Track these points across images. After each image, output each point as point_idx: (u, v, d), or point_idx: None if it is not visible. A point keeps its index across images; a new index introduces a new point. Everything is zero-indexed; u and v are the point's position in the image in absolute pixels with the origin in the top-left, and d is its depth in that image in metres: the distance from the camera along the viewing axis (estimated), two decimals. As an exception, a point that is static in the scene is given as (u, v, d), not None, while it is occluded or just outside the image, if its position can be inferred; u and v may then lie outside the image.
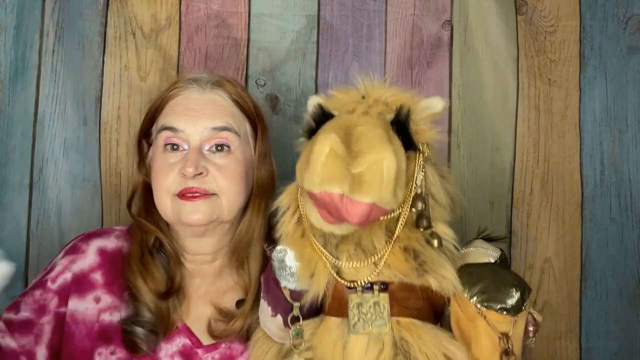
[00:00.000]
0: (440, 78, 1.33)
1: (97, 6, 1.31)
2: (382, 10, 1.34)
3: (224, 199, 0.98)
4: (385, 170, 0.72)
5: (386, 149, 0.73)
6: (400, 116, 0.80)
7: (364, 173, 0.72)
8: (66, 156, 1.30)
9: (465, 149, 1.32)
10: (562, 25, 1.33)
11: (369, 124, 0.77)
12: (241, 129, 1.02)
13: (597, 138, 1.31)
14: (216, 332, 1.01)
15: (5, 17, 1.28)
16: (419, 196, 0.80)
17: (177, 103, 1.01)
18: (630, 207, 1.30)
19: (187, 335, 1.01)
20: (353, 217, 0.73)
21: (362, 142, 0.74)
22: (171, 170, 0.98)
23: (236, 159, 1.00)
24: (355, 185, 0.71)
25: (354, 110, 0.81)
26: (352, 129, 0.76)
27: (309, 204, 0.79)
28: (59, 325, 0.99)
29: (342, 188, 0.70)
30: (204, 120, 0.99)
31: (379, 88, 0.86)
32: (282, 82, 1.33)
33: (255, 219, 1.03)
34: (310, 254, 0.83)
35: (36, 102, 1.30)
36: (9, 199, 1.28)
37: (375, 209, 0.73)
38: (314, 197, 0.74)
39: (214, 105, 1.01)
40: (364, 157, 0.72)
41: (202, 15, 1.33)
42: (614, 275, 1.29)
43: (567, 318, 1.29)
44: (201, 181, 0.97)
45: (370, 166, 0.72)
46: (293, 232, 0.86)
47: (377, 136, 0.74)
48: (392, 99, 0.84)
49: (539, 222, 1.31)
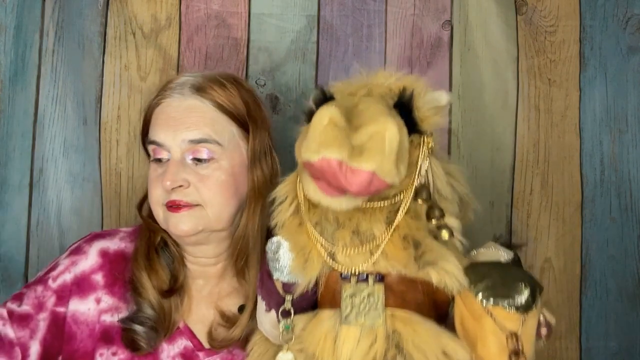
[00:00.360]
0: (440, 78, 1.32)
1: (97, 6, 1.31)
2: (382, 10, 1.33)
3: (209, 210, 0.97)
4: (388, 140, 0.70)
5: (389, 121, 0.70)
6: (404, 98, 0.78)
7: (365, 142, 0.69)
8: (66, 156, 1.30)
9: (465, 149, 1.32)
10: (562, 25, 1.33)
11: (370, 102, 0.75)
12: (224, 136, 0.99)
13: (597, 138, 1.31)
14: (216, 339, 1.00)
15: (5, 17, 1.28)
16: (423, 186, 0.78)
17: (160, 112, 1.00)
18: (630, 207, 1.30)
19: (189, 337, 1.01)
20: (352, 185, 0.70)
21: (364, 116, 0.72)
22: (158, 182, 0.98)
23: (220, 167, 0.98)
24: (356, 153, 0.69)
25: (356, 94, 0.80)
26: (354, 107, 0.74)
27: (306, 179, 0.76)
28: (54, 324, 0.99)
29: (340, 154, 0.68)
30: (182, 131, 0.96)
31: (382, 74, 0.84)
32: (282, 82, 1.33)
33: (251, 223, 1.00)
34: (304, 241, 0.80)
35: (36, 102, 1.30)
36: (9, 199, 1.28)
37: (375, 179, 0.70)
38: (311, 167, 0.71)
39: (193, 113, 0.98)
40: (365, 129, 0.70)
41: (202, 15, 1.33)
42: (614, 275, 1.29)
43: (567, 318, 1.29)
44: (183, 193, 0.96)
45: (371, 136, 0.70)
46: (289, 222, 0.83)
47: (378, 110, 0.73)
48: (396, 84, 0.81)
49: (539, 222, 1.31)
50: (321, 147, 0.68)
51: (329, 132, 0.69)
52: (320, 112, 0.70)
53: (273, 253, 0.82)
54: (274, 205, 0.85)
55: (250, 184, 1.01)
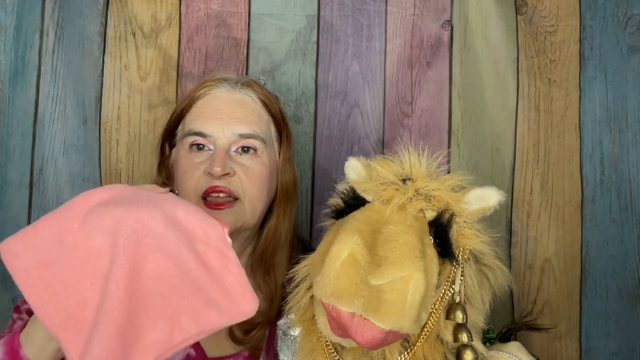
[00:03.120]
0: (440, 78, 1.32)
1: (97, 6, 1.31)
2: (382, 10, 1.33)
3: (246, 203, 0.97)
4: (411, 292, 0.62)
5: (415, 266, 0.62)
6: (442, 220, 0.70)
7: (385, 289, 0.62)
8: (66, 156, 1.30)
9: (465, 149, 1.32)
10: (562, 25, 1.33)
11: (402, 224, 0.67)
12: (267, 134, 1.02)
13: (597, 138, 1.31)
14: (238, 336, 0.98)
15: (5, 17, 1.28)
16: (458, 305, 0.69)
17: (206, 104, 1.00)
18: (630, 207, 1.30)
19: (193, 345, 0.98)
20: (363, 341, 0.63)
21: (390, 247, 0.64)
22: (196, 169, 0.97)
23: (262, 162, 0.99)
24: (373, 304, 0.61)
25: (390, 201, 0.71)
26: (383, 225, 0.67)
27: (319, 309, 0.70)
28: None
29: (353, 307, 0.61)
30: (232, 125, 0.98)
31: (424, 173, 0.74)
32: (282, 82, 1.33)
33: (282, 224, 1.02)
34: (313, 343, 0.75)
35: (36, 102, 1.30)
36: (9, 199, 1.28)
37: (391, 335, 0.63)
38: (323, 304, 0.66)
39: (243, 107, 1.00)
40: (389, 270, 0.62)
41: (202, 15, 1.33)
42: (614, 275, 1.29)
43: (567, 318, 1.29)
44: (227, 181, 0.96)
45: (393, 283, 0.62)
46: (305, 310, 0.77)
47: (407, 245, 0.64)
48: (437, 194, 0.72)
49: (539, 222, 1.31)
50: (333, 295, 0.61)
51: (344, 275, 0.61)
52: (340, 242, 0.62)
53: (283, 332, 0.80)
54: (292, 284, 0.81)
55: (281, 185, 1.03)
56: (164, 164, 1.07)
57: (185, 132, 1.01)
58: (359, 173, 0.78)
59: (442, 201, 0.72)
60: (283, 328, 0.81)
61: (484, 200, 0.72)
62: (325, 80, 1.33)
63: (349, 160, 0.80)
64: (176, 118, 1.04)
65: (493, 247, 0.78)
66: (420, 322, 0.66)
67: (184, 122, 1.03)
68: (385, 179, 0.74)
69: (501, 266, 0.78)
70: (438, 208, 0.71)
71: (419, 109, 1.32)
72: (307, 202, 1.31)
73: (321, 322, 0.70)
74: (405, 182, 0.73)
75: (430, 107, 1.32)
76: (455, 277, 0.71)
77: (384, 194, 0.72)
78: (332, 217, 0.77)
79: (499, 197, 0.72)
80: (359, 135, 1.33)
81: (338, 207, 0.75)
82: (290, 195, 1.03)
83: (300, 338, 0.78)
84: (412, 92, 1.33)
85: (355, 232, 0.63)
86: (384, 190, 0.72)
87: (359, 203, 0.73)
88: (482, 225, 0.81)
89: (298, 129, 1.31)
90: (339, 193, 0.78)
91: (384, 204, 0.71)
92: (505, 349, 0.78)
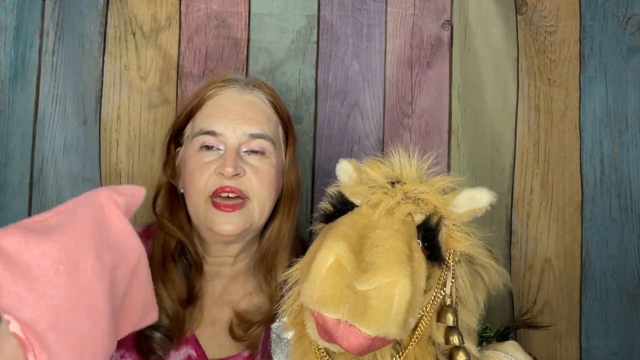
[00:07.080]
0: (440, 78, 1.32)
1: (97, 6, 1.31)
2: (382, 10, 1.33)
3: (255, 203, 0.98)
4: (397, 298, 0.61)
5: (401, 272, 0.62)
6: (430, 224, 0.69)
7: (371, 295, 0.61)
8: (66, 156, 1.30)
9: (465, 149, 1.32)
10: (562, 25, 1.33)
11: (389, 229, 0.67)
12: (276, 135, 1.03)
13: (597, 138, 1.31)
14: (237, 334, 0.99)
15: (5, 17, 1.28)
16: (449, 308, 0.69)
17: (217, 104, 1.01)
18: (630, 207, 1.30)
19: (194, 346, 1.00)
20: (349, 347, 0.62)
21: (377, 253, 0.63)
22: (206, 169, 0.98)
23: (270, 163, 1.00)
24: (359, 310, 0.60)
25: (378, 205, 0.70)
26: (370, 230, 0.66)
27: (307, 314, 0.70)
28: None
29: (339, 313, 0.60)
30: (243, 125, 0.99)
31: (414, 175, 0.74)
32: (282, 82, 1.33)
33: (285, 224, 1.03)
34: (306, 346, 0.75)
35: (36, 102, 1.30)
36: (9, 199, 1.28)
37: (378, 341, 0.63)
38: (310, 310, 0.65)
39: (253, 108, 1.01)
40: (375, 275, 0.61)
41: (202, 15, 1.33)
42: (614, 275, 1.29)
43: (567, 318, 1.29)
44: (238, 181, 0.97)
45: (379, 288, 0.61)
46: (297, 313, 0.77)
47: (394, 250, 0.64)
48: (425, 197, 0.71)
49: (539, 222, 1.31)
50: (319, 301, 0.61)
51: (330, 281, 0.60)
52: (327, 248, 0.61)
53: (277, 335, 0.80)
54: (286, 286, 0.81)
55: (286, 186, 1.04)
56: (169, 162, 1.07)
57: (195, 131, 1.01)
58: (350, 175, 0.78)
59: (430, 204, 0.71)
60: (276, 331, 0.82)
61: (474, 202, 0.72)
62: (325, 80, 1.33)
63: (340, 162, 0.80)
64: (185, 117, 1.05)
65: (487, 246, 0.78)
66: (408, 328, 0.65)
67: (194, 122, 1.03)
68: (374, 182, 0.74)
69: (495, 265, 0.77)
70: (426, 211, 0.70)
71: (419, 109, 1.32)
72: (307, 202, 1.31)
73: (309, 327, 0.70)
74: (394, 185, 0.73)
75: (430, 107, 1.32)
76: (446, 280, 0.70)
77: (372, 198, 0.71)
78: (322, 221, 0.76)
79: (490, 197, 0.72)
80: (359, 135, 1.33)
81: (327, 211, 0.75)
82: (294, 196, 1.04)
83: (293, 341, 0.78)
84: (412, 92, 1.33)
85: (341, 237, 0.62)
86: (373, 194, 0.72)
87: (347, 207, 0.72)
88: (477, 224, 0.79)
89: (298, 129, 1.31)
90: (327, 197, 0.78)
91: (372, 208, 0.70)
92: (501, 348, 0.78)
